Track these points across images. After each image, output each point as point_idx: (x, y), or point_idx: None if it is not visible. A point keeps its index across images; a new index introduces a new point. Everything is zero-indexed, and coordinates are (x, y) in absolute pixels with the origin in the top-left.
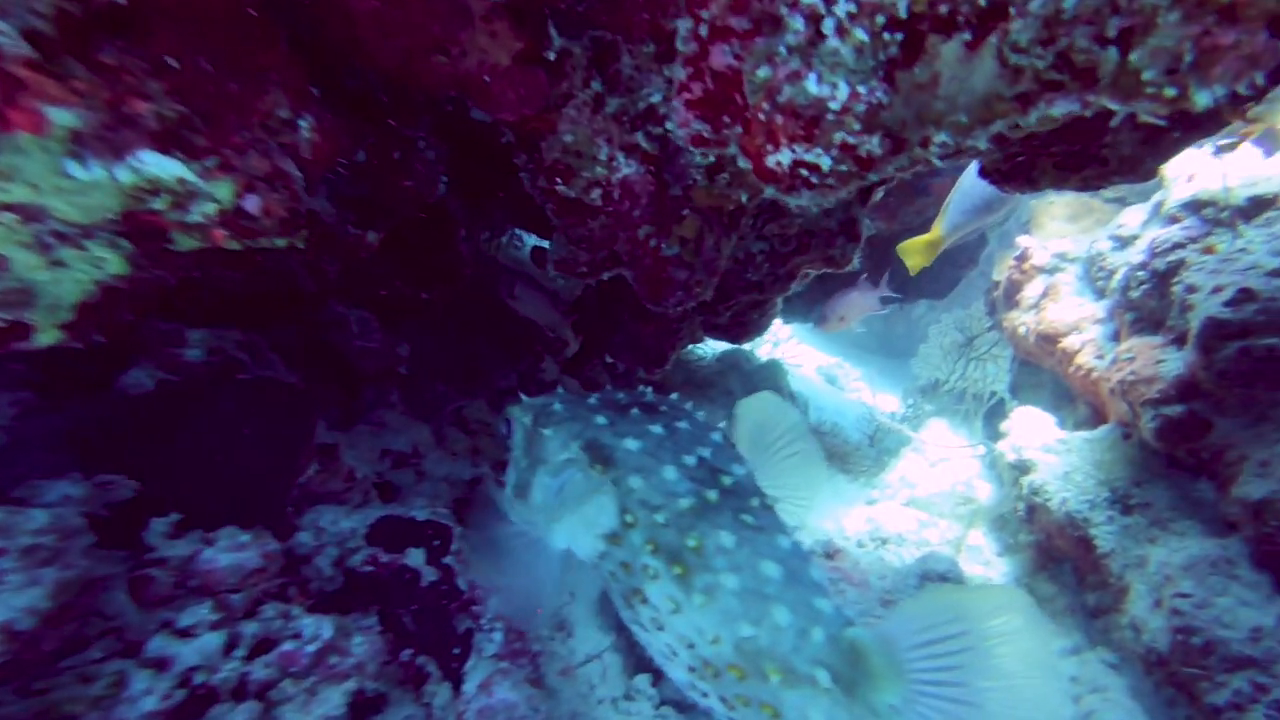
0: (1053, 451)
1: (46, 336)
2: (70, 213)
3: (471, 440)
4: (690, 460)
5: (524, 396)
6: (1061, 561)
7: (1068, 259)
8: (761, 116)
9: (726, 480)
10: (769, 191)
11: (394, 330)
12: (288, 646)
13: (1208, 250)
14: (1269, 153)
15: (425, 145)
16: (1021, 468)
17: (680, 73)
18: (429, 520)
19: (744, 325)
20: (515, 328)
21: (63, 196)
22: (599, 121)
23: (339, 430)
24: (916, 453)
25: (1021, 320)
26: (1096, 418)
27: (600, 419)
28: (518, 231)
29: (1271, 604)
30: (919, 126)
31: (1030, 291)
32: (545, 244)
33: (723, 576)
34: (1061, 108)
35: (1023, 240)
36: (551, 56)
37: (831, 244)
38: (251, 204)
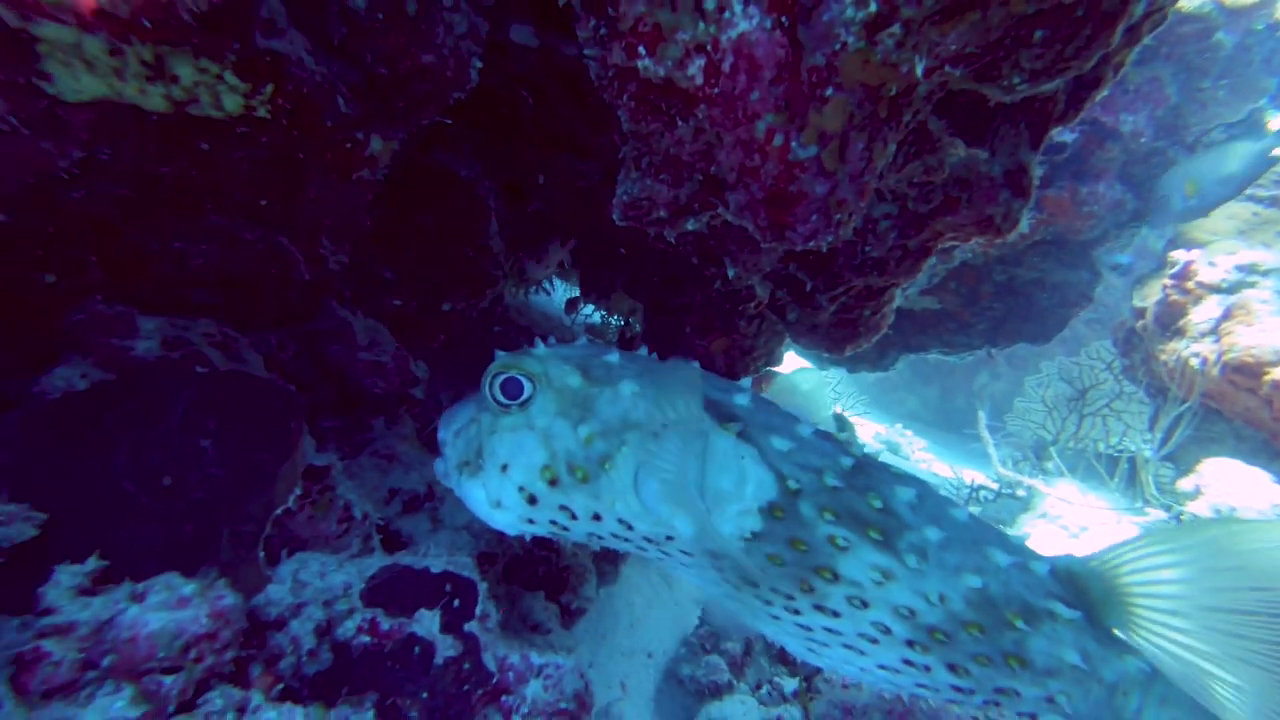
0: None
1: None
2: None
3: None
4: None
5: (540, 345)
6: None
7: (1259, 271)
8: None
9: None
10: None
11: (409, 348)
12: None
13: None
14: None
15: (453, 6)
16: None
17: None
18: (445, 572)
19: (851, 325)
20: None
21: None
22: None
23: (334, 453)
24: (1047, 520)
25: (1193, 351)
26: None
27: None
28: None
29: None
30: None
31: (1200, 315)
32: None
33: (926, 531)
34: None
35: (1180, 255)
36: None
37: (992, 199)
38: None
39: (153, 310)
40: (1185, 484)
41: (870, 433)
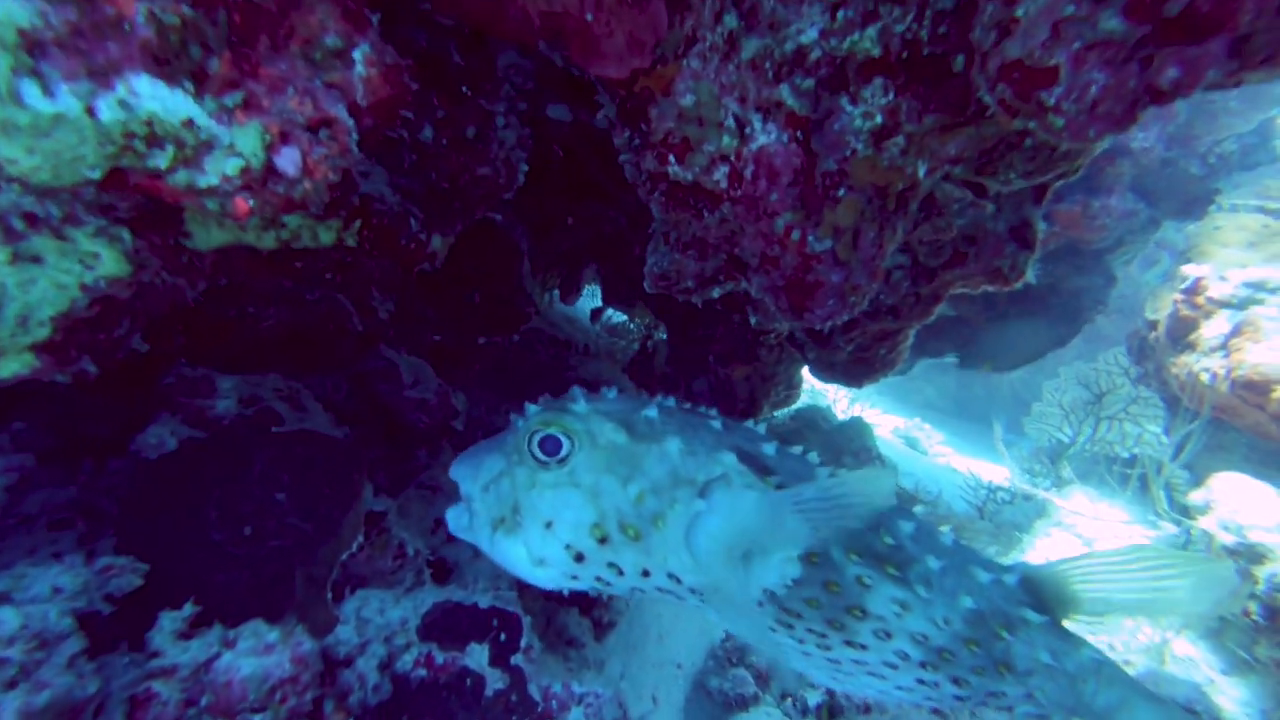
0: None
1: (13, 363)
2: (29, 164)
3: None
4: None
5: (580, 400)
6: None
7: (1267, 288)
8: None
9: None
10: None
11: (448, 380)
12: None
13: None
14: None
15: (505, 124)
16: (1248, 554)
17: None
18: (492, 607)
19: (867, 363)
20: (577, 382)
21: (17, 138)
22: (730, 73)
23: (387, 495)
24: (1063, 528)
25: (1203, 365)
26: None
27: (714, 424)
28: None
29: None
30: None
31: (1210, 330)
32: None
33: (928, 561)
34: None
35: (1190, 269)
36: None
37: (999, 252)
38: (287, 161)
39: (229, 369)
40: (1196, 497)
41: (889, 427)
